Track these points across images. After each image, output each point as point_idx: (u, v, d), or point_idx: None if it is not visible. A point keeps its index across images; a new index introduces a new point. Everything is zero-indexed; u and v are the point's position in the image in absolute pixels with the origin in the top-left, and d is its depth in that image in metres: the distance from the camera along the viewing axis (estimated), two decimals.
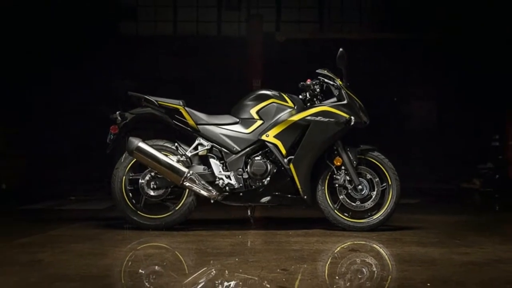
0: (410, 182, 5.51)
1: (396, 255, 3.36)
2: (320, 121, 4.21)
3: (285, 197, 4.27)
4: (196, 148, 4.31)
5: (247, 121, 4.34)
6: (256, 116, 4.33)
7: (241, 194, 4.24)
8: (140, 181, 4.25)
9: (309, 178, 4.24)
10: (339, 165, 4.26)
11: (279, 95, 4.38)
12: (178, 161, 4.20)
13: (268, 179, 4.22)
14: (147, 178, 4.25)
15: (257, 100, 4.37)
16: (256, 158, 4.25)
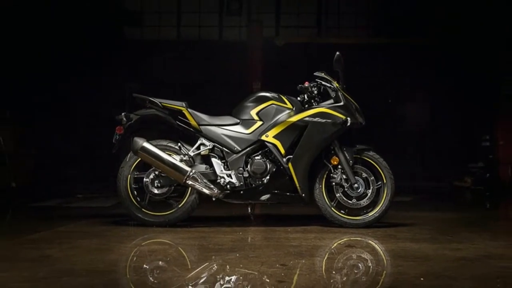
0: (404, 181, 5.49)
1: (391, 251, 3.35)
2: (318, 122, 4.20)
3: (284, 195, 4.27)
4: (199, 148, 4.31)
5: (248, 122, 4.34)
6: (256, 117, 4.33)
7: (242, 192, 4.23)
8: (145, 180, 4.25)
9: (307, 177, 4.24)
10: (336, 164, 4.26)
11: (278, 97, 4.37)
12: (181, 161, 4.20)
13: (268, 178, 4.22)
14: (151, 177, 4.24)
15: (257, 102, 4.37)
16: (256, 158, 4.25)
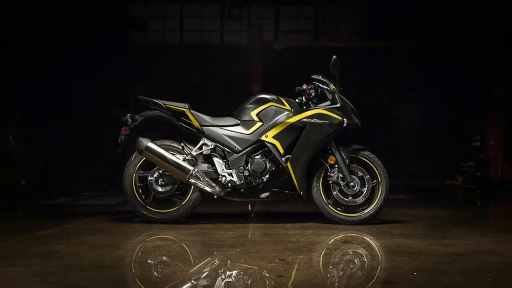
0: (398, 179, 5.49)
1: (385, 247, 3.35)
2: (315, 123, 4.21)
3: (283, 193, 4.27)
4: (201, 148, 4.31)
5: (248, 123, 4.34)
6: (256, 118, 4.33)
7: (242, 190, 4.24)
8: (149, 178, 4.25)
9: (305, 176, 4.24)
10: (333, 164, 4.26)
11: (277, 99, 4.37)
12: (184, 160, 4.20)
13: (267, 177, 4.22)
14: (156, 176, 4.24)
15: (257, 104, 4.37)
16: (256, 157, 4.25)
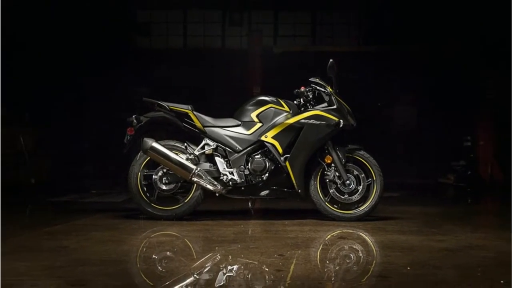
0: (392, 178, 5.48)
1: (380, 242, 3.36)
2: (313, 124, 4.21)
3: (282, 191, 4.28)
4: (203, 148, 4.31)
5: (248, 124, 4.34)
6: (256, 119, 4.34)
7: (243, 188, 4.24)
8: (154, 177, 4.26)
9: (303, 174, 4.24)
10: (330, 163, 4.26)
11: (276, 101, 4.38)
12: (187, 159, 4.21)
13: (267, 175, 4.22)
14: (160, 174, 4.25)
15: (257, 105, 4.38)
16: (256, 157, 4.25)
